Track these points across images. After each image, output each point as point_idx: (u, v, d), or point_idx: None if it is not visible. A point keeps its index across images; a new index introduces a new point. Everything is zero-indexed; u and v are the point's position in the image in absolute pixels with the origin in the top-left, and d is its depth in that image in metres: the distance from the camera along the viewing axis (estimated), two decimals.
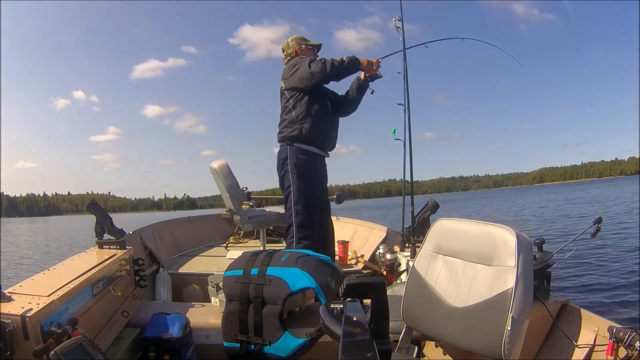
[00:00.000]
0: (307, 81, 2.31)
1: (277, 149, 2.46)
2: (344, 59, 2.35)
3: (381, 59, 2.53)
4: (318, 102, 2.42)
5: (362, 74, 2.53)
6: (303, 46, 2.51)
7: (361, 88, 2.56)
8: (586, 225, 1.79)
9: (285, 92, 2.41)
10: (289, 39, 2.55)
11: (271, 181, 3.15)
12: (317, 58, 2.41)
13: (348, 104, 2.60)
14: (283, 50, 2.57)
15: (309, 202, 2.37)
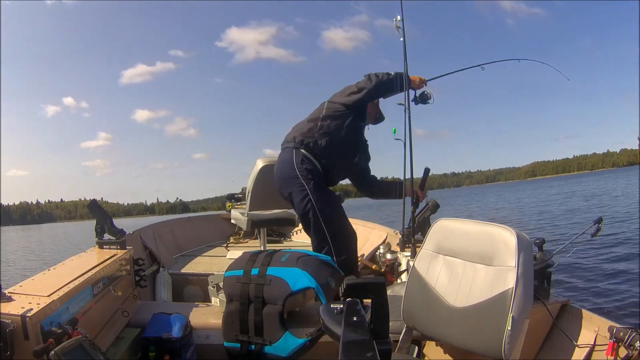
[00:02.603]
0: (355, 95, 2.10)
1: (268, 150, 2.36)
2: (392, 74, 2.13)
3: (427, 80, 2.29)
4: (352, 128, 2.15)
5: (413, 194, 2.23)
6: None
7: (398, 196, 2.26)
8: (586, 228, 1.79)
9: (327, 102, 2.19)
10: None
11: None
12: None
13: (372, 187, 2.36)
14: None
15: (337, 211, 2.10)
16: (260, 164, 2.42)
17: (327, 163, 2.15)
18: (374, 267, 2.63)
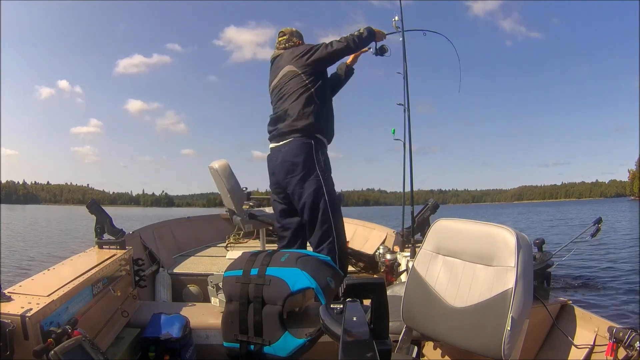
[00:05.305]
0: (328, 62, 2.15)
1: (257, 152, 2.39)
2: (362, 31, 2.17)
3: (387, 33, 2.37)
4: (328, 88, 2.24)
5: (350, 59, 2.41)
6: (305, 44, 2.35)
7: (349, 74, 2.43)
8: (586, 228, 1.79)
9: (302, 75, 2.13)
10: (293, 29, 2.38)
11: (251, 183, 3.13)
12: None
13: (336, 88, 2.40)
14: (283, 34, 2.33)
15: (339, 207, 2.14)
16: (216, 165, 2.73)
17: (332, 128, 2.25)
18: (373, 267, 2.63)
